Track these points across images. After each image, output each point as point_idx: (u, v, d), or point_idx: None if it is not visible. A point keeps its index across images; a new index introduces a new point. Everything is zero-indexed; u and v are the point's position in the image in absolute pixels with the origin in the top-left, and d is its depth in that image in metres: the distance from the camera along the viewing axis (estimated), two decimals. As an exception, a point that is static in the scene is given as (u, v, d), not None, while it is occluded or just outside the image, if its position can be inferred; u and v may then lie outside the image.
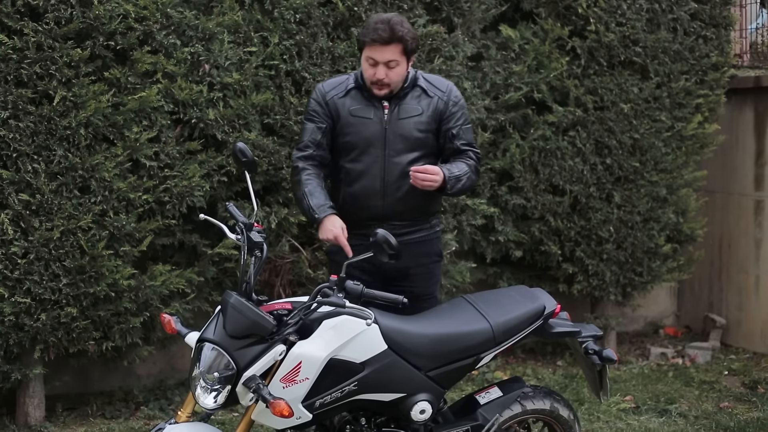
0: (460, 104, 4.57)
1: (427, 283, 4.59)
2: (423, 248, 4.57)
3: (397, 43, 4.31)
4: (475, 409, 4.26)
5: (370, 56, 4.34)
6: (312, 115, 4.49)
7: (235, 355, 3.63)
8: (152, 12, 5.54)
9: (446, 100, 4.52)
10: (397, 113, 4.44)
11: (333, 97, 4.47)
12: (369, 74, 4.37)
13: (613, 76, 6.94)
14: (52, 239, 5.34)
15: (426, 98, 4.49)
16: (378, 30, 4.29)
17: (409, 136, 4.44)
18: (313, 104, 4.51)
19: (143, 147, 5.57)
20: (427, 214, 4.59)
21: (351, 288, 3.66)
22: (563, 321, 4.38)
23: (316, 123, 4.48)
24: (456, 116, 4.53)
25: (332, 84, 4.54)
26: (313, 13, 5.97)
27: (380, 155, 4.41)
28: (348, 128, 4.44)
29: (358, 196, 4.45)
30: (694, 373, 6.97)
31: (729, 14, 7.40)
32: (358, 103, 4.45)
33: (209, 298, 6.06)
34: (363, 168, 4.43)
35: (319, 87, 4.55)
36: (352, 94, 4.47)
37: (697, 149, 7.31)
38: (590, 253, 7.05)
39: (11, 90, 5.25)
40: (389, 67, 4.34)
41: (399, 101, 4.46)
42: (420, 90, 4.50)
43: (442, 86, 4.56)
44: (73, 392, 6.27)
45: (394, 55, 4.32)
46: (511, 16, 6.98)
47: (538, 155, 6.89)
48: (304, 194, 4.34)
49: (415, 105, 4.47)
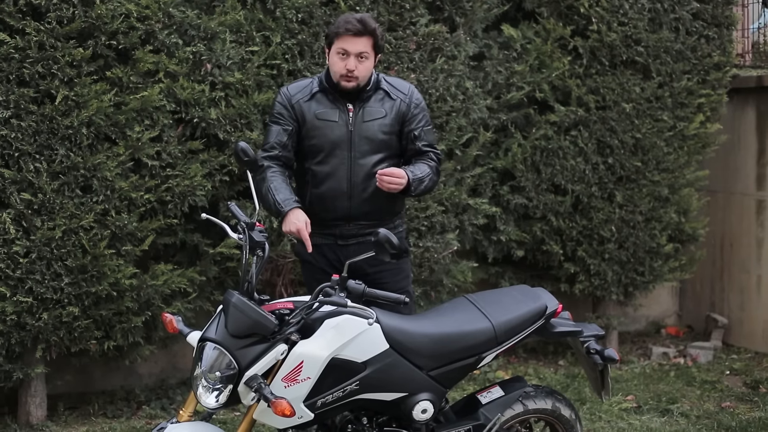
0: (422, 106, 4.64)
1: (396, 278, 4.62)
2: None
3: (369, 36, 4.40)
4: (476, 408, 4.26)
5: (342, 47, 4.39)
6: (277, 117, 4.52)
7: (237, 354, 3.63)
8: (154, 11, 5.54)
9: (408, 103, 4.57)
10: (362, 116, 4.49)
11: (299, 100, 4.50)
12: (339, 67, 4.41)
13: (615, 76, 6.94)
14: (54, 238, 5.35)
15: (389, 101, 4.54)
16: (350, 23, 4.38)
17: (374, 138, 4.49)
18: (278, 107, 4.54)
19: (145, 146, 5.57)
20: (392, 213, 4.65)
21: (353, 287, 3.66)
22: (565, 320, 4.38)
23: (281, 125, 4.50)
24: (418, 118, 4.59)
25: (297, 87, 4.57)
26: (315, 12, 5.97)
27: (346, 157, 4.46)
28: (314, 131, 4.49)
29: (324, 198, 4.49)
30: (695, 373, 6.97)
31: (731, 14, 7.39)
32: (323, 106, 4.49)
33: (211, 297, 6.06)
34: (329, 170, 4.47)
35: (284, 91, 4.58)
36: (317, 98, 4.50)
37: (699, 149, 7.30)
38: (592, 252, 7.05)
39: (13, 89, 5.25)
40: (359, 60, 4.39)
41: (363, 104, 4.50)
42: (383, 93, 4.55)
43: (404, 89, 4.62)
44: (74, 391, 6.27)
45: (366, 48, 4.40)
46: (513, 15, 6.98)
47: (540, 155, 6.90)
48: (269, 189, 4.36)
49: (379, 107, 4.52)
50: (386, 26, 6.17)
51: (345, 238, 4.51)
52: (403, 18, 6.24)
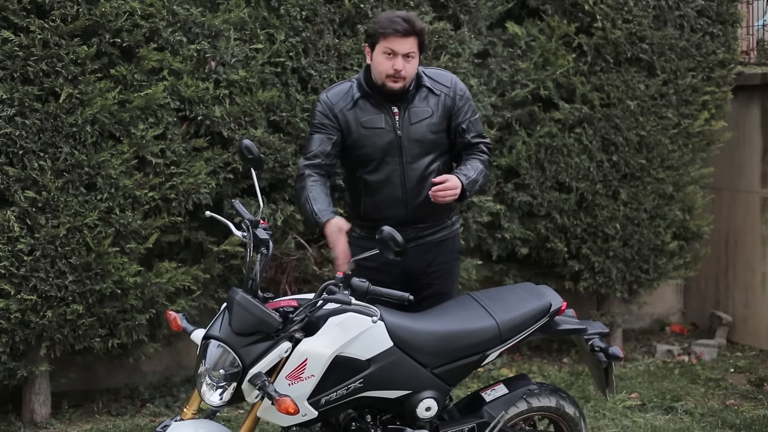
0: (466, 97, 4.50)
1: (448, 281, 4.56)
2: (445, 246, 4.55)
3: (416, 36, 4.27)
4: (480, 406, 4.25)
5: (389, 47, 4.24)
6: (319, 127, 4.37)
7: (241, 352, 3.63)
8: (158, 9, 5.54)
9: (453, 96, 4.44)
10: (409, 118, 4.36)
11: (342, 109, 4.35)
12: (386, 66, 4.26)
13: (620, 73, 6.93)
14: (58, 236, 5.35)
15: (433, 97, 4.41)
16: (397, 23, 4.24)
17: (423, 140, 4.38)
18: (319, 117, 4.38)
19: (149, 144, 5.57)
20: (448, 211, 4.55)
21: (357, 285, 3.65)
22: (569, 318, 4.38)
23: (325, 134, 4.35)
24: (464, 110, 4.46)
25: (337, 95, 4.41)
26: (319, 10, 5.97)
27: (398, 163, 4.35)
28: (362, 141, 4.35)
29: (380, 206, 4.39)
30: (700, 371, 6.97)
31: (736, 11, 7.38)
32: (367, 113, 4.35)
33: (215, 295, 6.07)
34: (383, 178, 4.37)
35: (324, 99, 4.41)
36: (360, 104, 4.35)
37: (703, 146, 7.29)
38: (596, 250, 7.04)
39: (17, 87, 5.25)
40: (407, 60, 4.26)
41: (407, 105, 4.36)
42: (426, 90, 4.41)
43: (446, 81, 4.48)
44: (78, 389, 6.28)
45: (413, 47, 4.27)
46: (518, 13, 6.98)
47: (545, 152, 6.89)
48: (307, 199, 4.24)
49: (425, 107, 4.39)
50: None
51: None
52: (407, 15, 6.23)
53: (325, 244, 6.13)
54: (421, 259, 4.45)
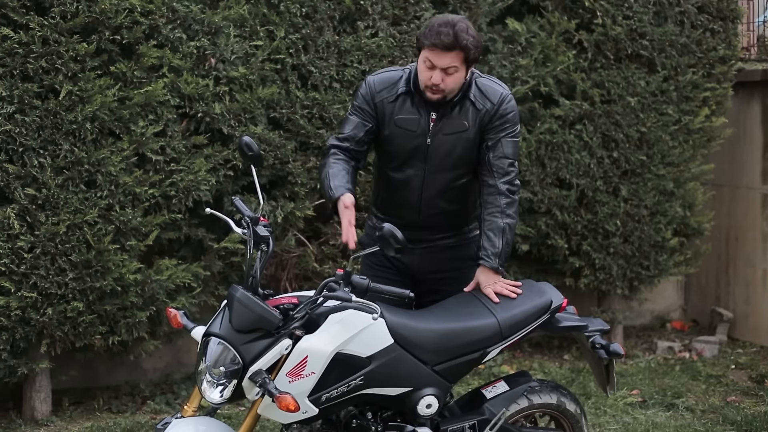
0: (509, 117, 4.21)
1: (460, 287, 4.37)
2: (457, 252, 4.43)
3: (459, 51, 4.01)
4: (481, 403, 4.25)
5: (428, 58, 4.04)
6: (358, 110, 4.23)
7: (241, 349, 3.62)
8: (158, 6, 5.54)
9: (493, 113, 4.18)
10: (442, 127, 4.17)
11: (383, 99, 4.19)
12: (425, 77, 4.07)
13: (620, 70, 6.93)
14: (59, 234, 5.35)
15: (474, 111, 4.18)
16: (441, 34, 3.99)
17: (451, 153, 4.21)
18: (360, 99, 4.24)
19: (149, 141, 5.57)
20: (465, 223, 4.44)
21: (357, 282, 3.64)
22: (570, 315, 4.37)
23: (361, 119, 4.22)
24: (498, 128, 4.19)
25: (383, 82, 4.24)
26: (319, 6, 5.97)
27: (421, 169, 4.23)
28: (391, 138, 4.23)
29: (394, 204, 4.32)
30: (701, 367, 6.96)
31: (736, 7, 7.38)
32: (404, 111, 4.19)
33: (215, 292, 6.06)
34: (403, 178, 4.26)
35: (370, 83, 4.25)
36: (401, 100, 4.18)
37: (704, 143, 7.29)
38: (597, 246, 7.04)
39: (17, 84, 5.25)
40: (447, 73, 4.05)
41: (447, 113, 4.17)
42: (469, 102, 4.18)
43: (494, 97, 4.20)
44: (79, 387, 6.28)
45: (454, 62, 4.03)
46: (518, 9, 6.96)
47: (545, 149, 6.88)
48: (327, 175, 4.13)
49: (462, 120, 4.18)
50: (390, 20, 6.17)
51: (412, 242, 4.08)
52: (408, 12, 6.23)
53: (325, 241, 6.16)
54: (430, 261, 4.37)
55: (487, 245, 4.22)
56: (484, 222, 4.25)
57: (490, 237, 4.22)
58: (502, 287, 4.20)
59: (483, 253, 4.23)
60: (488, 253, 4.21)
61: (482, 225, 4.26)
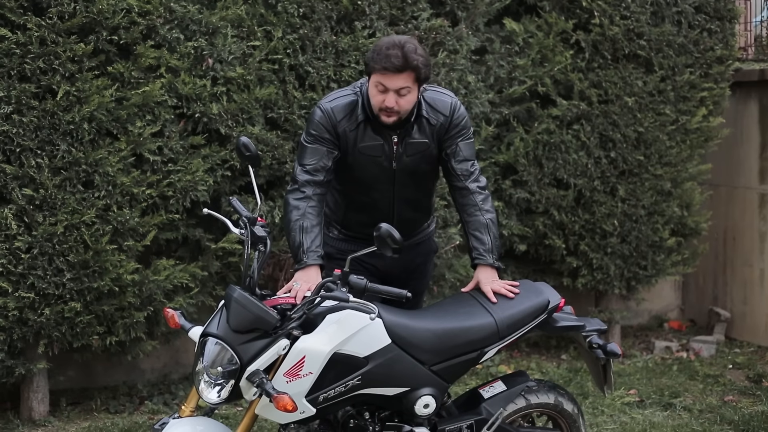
0: (462, 124, 4.26)
1: (422, 280, 4.56)
2: (420, 249, 4.52)
3: (411, 72, 3.99)
4: (479, 403, 4.25)
5: (379, 82, 4.01)
6: (320, 140, 4.14)
7: (239, 349, 3.63)
8: (155, 6, 5.53)
9: (447, 125, 4.22)
10: (406, 149, 4.18)
11: (344, 129, 4.14)
12: (377, 101, 4.05)
13: (618, 70, 6.93)
14: (56, 234, 5.34)
15: (429, 127, 4.20)
16: (390, 57, 3.96)
17: (417, 171, 4.24)
18: (320, 129, 4.14)
19: (147, 141, 5.57)
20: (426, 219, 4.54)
21: (354, 282, 3.65)
22: (567, 315, 4.38)
23: (327, 148, 4.13)
24: (454, 136, 4.25)
25: (342, 110, 4.16)
26: (316, 7, 5.96)
27: (388, 191, 4.26)
28: (355, 164, 4.20)
29: (363, 223, 4.27)
30: (698, 367, 6.97)
31: (733, 7, 7.38)
32: (367, 139, 4.15)
33: (213, 292, 6.06)
34: (370, 201, 4.28)
35: (328, 110, 4.16)
36: (362, 128, 4.15)
37: (701, 142, 7.30)
38: (594, 246, 7.04)
39: (15, 85, 5.24)
40: (400, 95, 4.03)
41: (406, 136, 4.17)
42: (424, 120, 4.19)
43: (445, 109, 4.23)
44: (77, 387, 6.28)
45: (406, 82, 4.01)
46: (515, 9, 6.97)
47: (543, 149, 6.88)
48: (301, 228, 4.05)
49: (422, 138, 4.20)
50: (388, 20, 6.16)
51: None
52: (405, 12, 6.23)
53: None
54: (398, 261, 4.32)
55: (477, 244, 4.28)
56: (466, 224, 4.32)
57: (477, 236, 4.29)
58: (500, 286, 4.21)
59: (476, 253, 4.27)
60: (480, 252, 4.26)
61: (466, 227, 4.33)
